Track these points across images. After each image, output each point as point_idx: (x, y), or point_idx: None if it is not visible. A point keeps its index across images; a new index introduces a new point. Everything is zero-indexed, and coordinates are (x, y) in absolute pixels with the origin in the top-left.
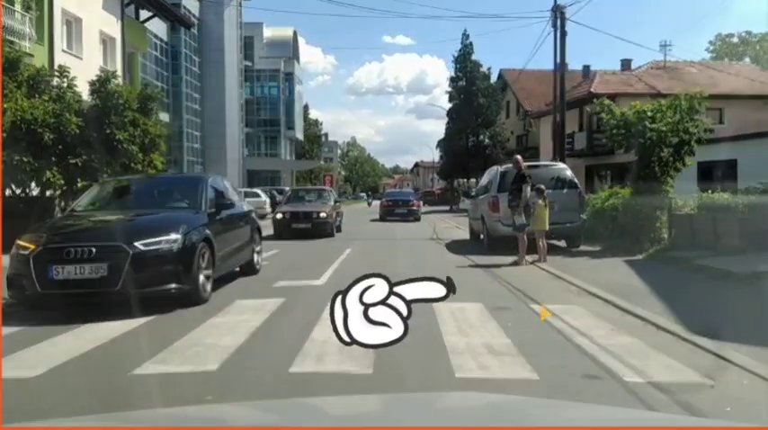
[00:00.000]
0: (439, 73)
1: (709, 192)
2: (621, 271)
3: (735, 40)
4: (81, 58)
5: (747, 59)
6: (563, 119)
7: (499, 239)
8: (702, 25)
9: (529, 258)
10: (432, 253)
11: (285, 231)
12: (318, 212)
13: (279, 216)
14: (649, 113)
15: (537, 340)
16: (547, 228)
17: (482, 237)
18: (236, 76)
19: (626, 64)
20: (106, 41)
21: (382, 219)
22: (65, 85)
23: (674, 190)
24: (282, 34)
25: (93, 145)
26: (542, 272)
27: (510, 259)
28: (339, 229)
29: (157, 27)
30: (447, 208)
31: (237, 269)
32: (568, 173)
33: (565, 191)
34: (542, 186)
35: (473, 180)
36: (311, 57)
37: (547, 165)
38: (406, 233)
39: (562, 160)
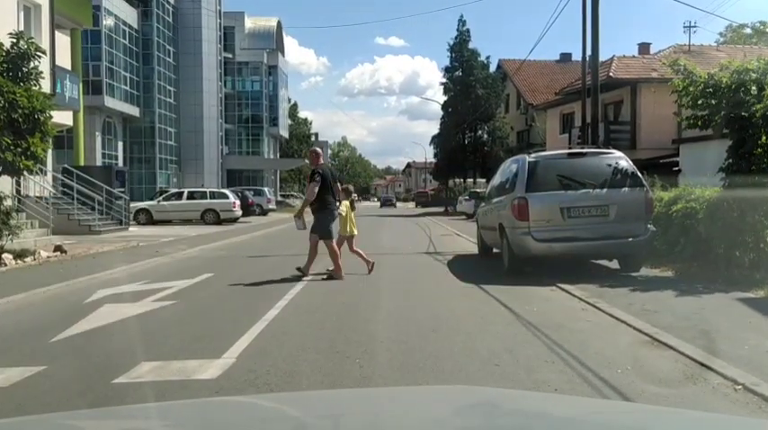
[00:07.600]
0: (431, 74)
1: None
2: (758, 325)
3: (748, 30)
4: None
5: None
6: (596, 94)
7: (527, 260)
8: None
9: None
10: (429, 280)
11: None
12: None
13: None
14: (753, 74)
15: None
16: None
17: (495, 250)
18: (215, 68)
19: (644, 48)
20: (30, 9)
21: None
22: None
23: None
24: (265, 24)
25: None
26: (621, 325)
27: (549, 290)
28: None
29: (127, 14)
30: (441, 209)
31: None
32: (627, 164)
33: (625, 190)
34: (350, 186)
35: (470, 180)
36: (304, 58)
37: (597, 153)
38: (394, 241)
39: None
